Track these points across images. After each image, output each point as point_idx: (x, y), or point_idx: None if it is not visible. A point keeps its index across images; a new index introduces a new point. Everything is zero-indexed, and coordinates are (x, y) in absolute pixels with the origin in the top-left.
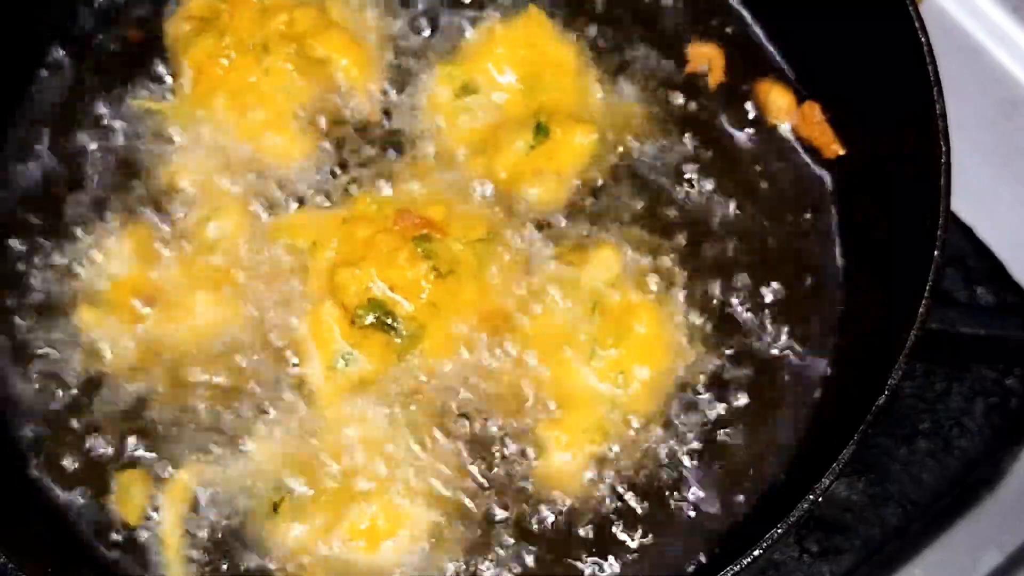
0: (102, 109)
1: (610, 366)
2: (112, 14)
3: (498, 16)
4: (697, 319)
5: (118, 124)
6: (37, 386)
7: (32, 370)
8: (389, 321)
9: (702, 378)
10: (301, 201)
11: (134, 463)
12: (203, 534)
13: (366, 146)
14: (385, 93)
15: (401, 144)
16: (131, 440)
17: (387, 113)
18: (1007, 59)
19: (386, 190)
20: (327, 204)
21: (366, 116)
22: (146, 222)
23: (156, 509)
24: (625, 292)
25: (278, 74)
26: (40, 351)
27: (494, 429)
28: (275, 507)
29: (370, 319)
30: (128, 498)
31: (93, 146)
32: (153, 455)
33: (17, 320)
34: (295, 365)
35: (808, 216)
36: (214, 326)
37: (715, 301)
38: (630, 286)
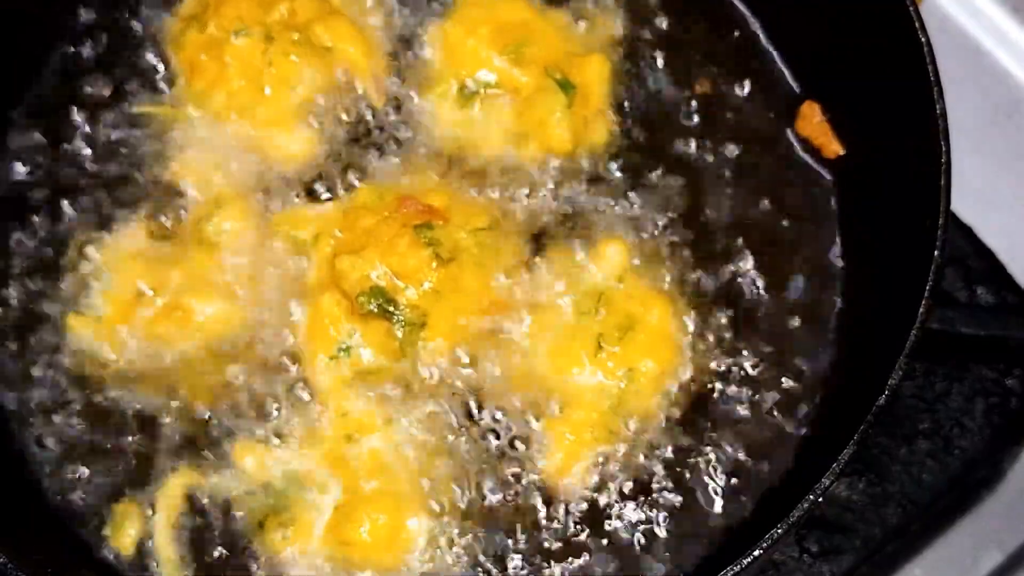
0: (102, 109)
1: (616, 363)
2: (112, 16)
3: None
4: (699, 318)
5: (118, 124)
6: (35, 388)
7: (30, 371)
8: (391, 308)
9: (704, 376)
10: (304, 194)
11: (132, 468)
12: (199, 537)
13: (370, 137)
14: (390, 81)
15: (407, 134)
16: (129, 441)
17: (393, 101)
18: (1007, 59)
19: (390, 180)
20: (331, 196)
21: (371, 105)
22: (146, 221)
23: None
24: (632, 288)
25: (282, 64)
26: (38, 352)
27: (498, 426)
28: (260, 524)
29: (372, 306)
30: (123, 531)
31: (94, 146)
32: (149, 457)
33: (17, 322)
34: (296, 361)
35: (808, 216)
36: (214, 324)
37: (716, 300)
38: (636, 282)
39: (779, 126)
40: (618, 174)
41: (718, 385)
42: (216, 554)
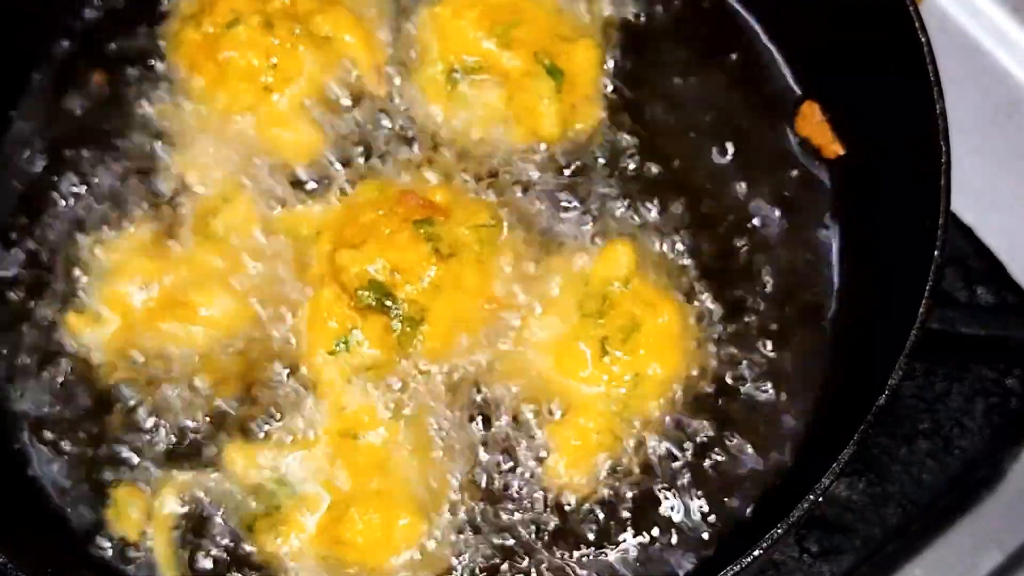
0: (103, 109)
1: (622, 367)
2: (113, 15)
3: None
4: (700, 319)
5: (120, 123)
6: (35, 387)
7: (30, 371)
8: (388, 303)
9: (706, 378)
10: (307, 189)
11: (130, 469)
12: (195, 539)
13: (372, 130)
14: (391, 73)
15: (409, 127)
16: (126, 442)
17: (393, 92)
18: (1007, 59)
19: (392, 174)
20: (333, 192)
21: (373, 97)
22: (149, 219)
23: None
24: (637, 290)
25: (283, 56)
26: (38, 351)
27: (499, 427)
28: (250, 527)
29: (371, 300)
30: (125, 515)
31: (95, 146)
32: (146, 457)
33: (16, 321)
34: (296, 356)
35: (808, 216)
36: (217, 320)
37: (716, 302)
38: (641, 284)
39: (779, 126)
40: (614, 169)
41: (720, 387)
42: (212, 555)
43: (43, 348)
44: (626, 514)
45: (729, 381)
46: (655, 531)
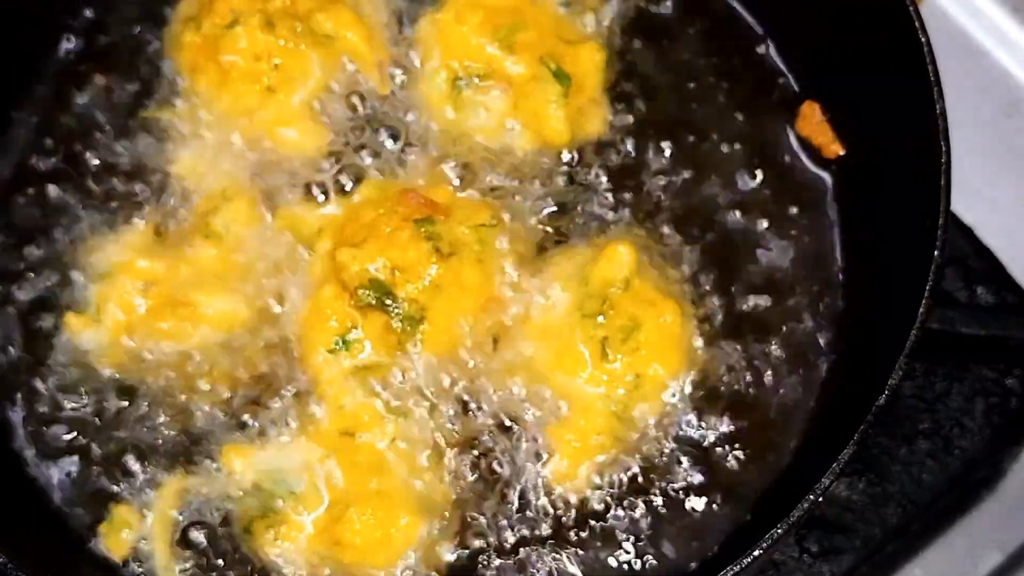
0: (104, 109)
1: (622, 367)
2: (114, 16)
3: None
4: (700, 320)
5: (121, 123)
6: (35, 388)
7: (30, 372)
8: (388, 302)
9: (706, 377)
10: (308, 188)
11: (129, 469)
12: (194, 540)
13: (374, 129)
14: (393, 72)
15: (411, 127)
16: (125, 442)
17: (395, 93)
18: (1007, 59)
19: (393, 174)
20: (334, 190)
21: (375, 95)
22: (151, 219)
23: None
24: (638, 290)
25: (285, 55)
26: (39, 352)
27: (499, 428)
28: (247, 529)
29: (371, 299)
30: (116, 535)
31: (96, 145)
32: (145, 457)
33: (16, 321)
34: (296, 355)
35: (808, 216)
36: (218, 319)
37: (717, 302)
38: (641, 284)
39: (779, 126)
40: (615, 169)
41: (720, 386)
42: (210, 556)
43: (43, 348)
44: (626, 514)
45: (729, 381)
46: (654, 531)
